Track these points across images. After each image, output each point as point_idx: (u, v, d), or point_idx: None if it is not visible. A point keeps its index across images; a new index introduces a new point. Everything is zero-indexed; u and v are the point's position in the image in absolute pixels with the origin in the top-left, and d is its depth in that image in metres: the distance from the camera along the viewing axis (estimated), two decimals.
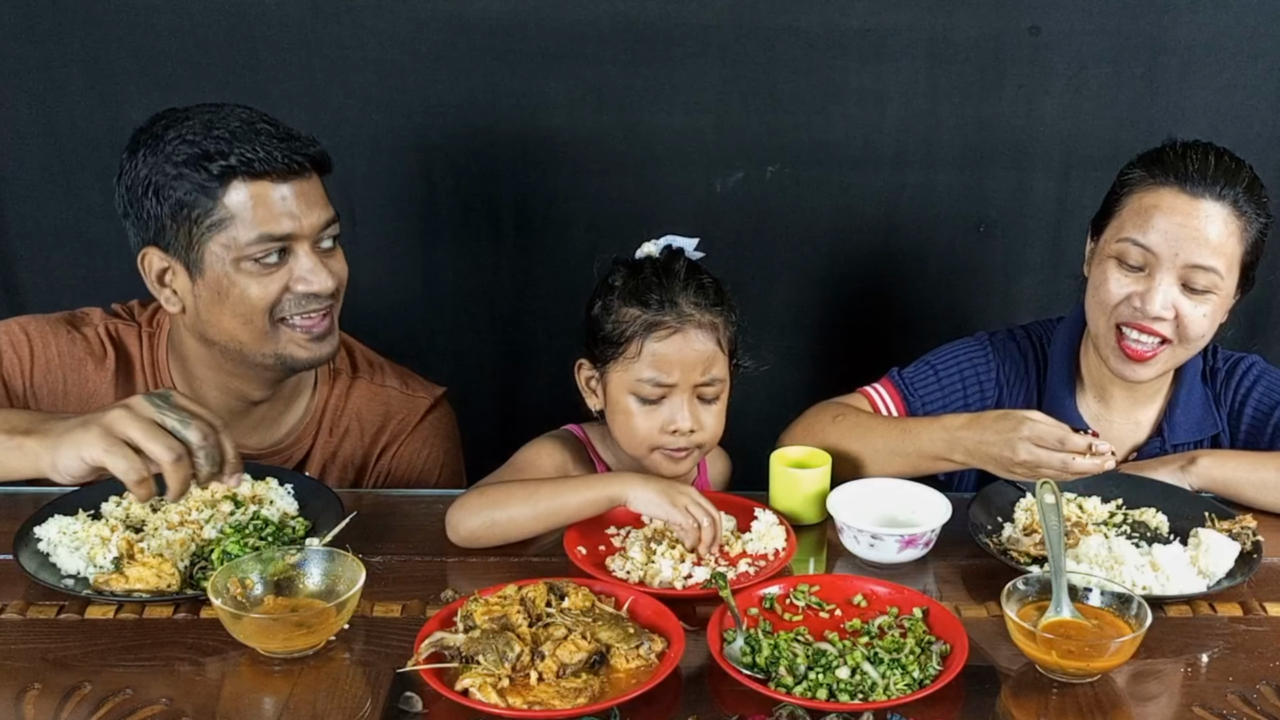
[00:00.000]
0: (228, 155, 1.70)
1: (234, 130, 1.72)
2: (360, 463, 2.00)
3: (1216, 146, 1.85)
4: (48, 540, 1.61)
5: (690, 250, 1.84)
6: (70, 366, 1.88)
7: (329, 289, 1.79)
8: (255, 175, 1.71)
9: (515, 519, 1.66)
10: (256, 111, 1.78)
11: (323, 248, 1.80)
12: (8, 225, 2.49)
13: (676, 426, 1.78)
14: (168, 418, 1.46)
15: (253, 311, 1.77)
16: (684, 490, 1.66)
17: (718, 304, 1.80)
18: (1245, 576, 1.60)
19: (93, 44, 2.36)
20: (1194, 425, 1.95)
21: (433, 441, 2.02)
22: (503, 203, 2.52)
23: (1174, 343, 1.84)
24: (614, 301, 1.79)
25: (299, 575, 1.51)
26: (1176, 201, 1.80)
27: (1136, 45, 2.40)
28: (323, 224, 1.78)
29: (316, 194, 1.78)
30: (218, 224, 1.72)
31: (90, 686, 1.36)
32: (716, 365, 1.79)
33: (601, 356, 1.82)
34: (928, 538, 1.68)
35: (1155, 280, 1.80)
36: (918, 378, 2.01)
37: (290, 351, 1.82)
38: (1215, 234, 1.79)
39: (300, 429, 1.97)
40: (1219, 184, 1.79)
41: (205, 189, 1.71)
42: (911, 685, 1.36)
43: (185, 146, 1.72)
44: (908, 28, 2.39)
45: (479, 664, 1.35)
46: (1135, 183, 1.86)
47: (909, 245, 2.57)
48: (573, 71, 2.40)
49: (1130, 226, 1.83)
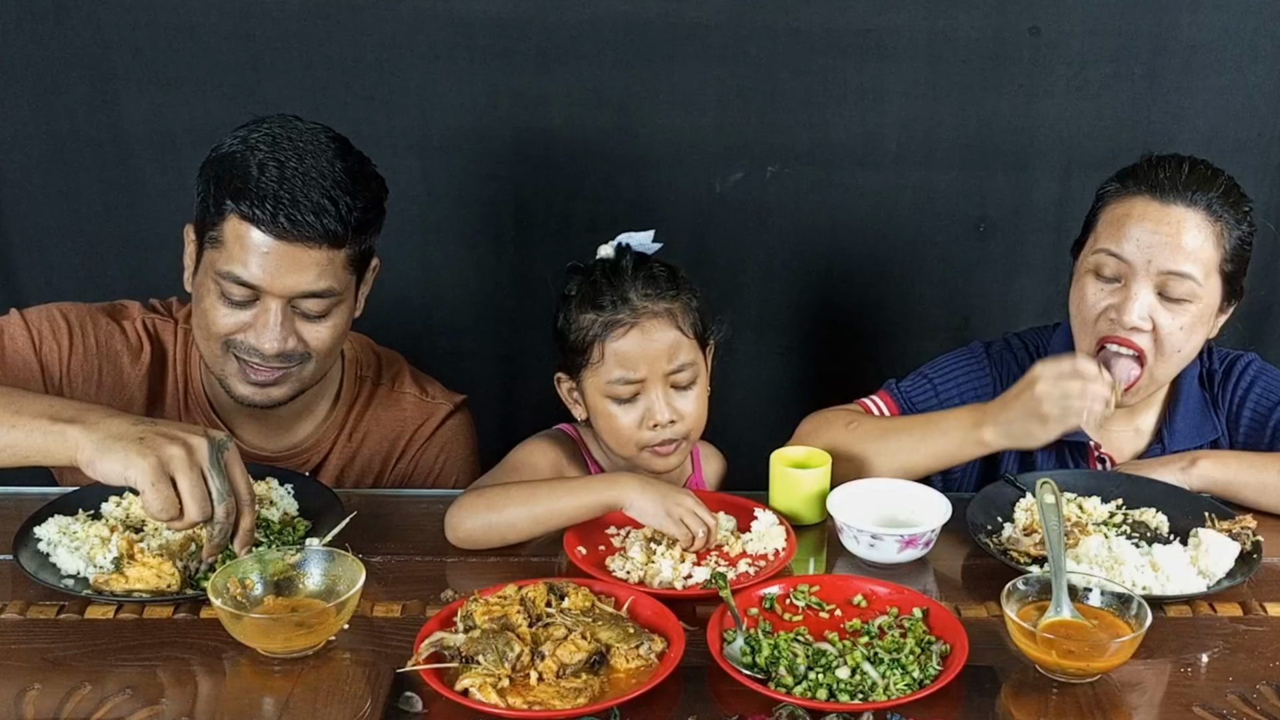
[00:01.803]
0: (243, 192, 1.69)
1: (273, 170, 1.69)
2: (378, 469, 2.01)
3: (1193, 158, 1.85)
4: (48, 540, 1.61)
5: (645, 245, 1.84)
6: (106, 357, 1.88)
7: (274, 350, 1.75)
8: (250, 220, 1.70)
9: (512, 521, 1.66)
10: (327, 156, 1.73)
11: (303, 312, 1.76)
12: (8, 225, 2.49)
13: (656, 420, 1.78)
14: (214, 479, 1.47)
15: (208, 329, 1.78)
16: (681, 499, 1.66)
17: (671, 289, 1.80)
18: (1245, 576, 1.60)
19: (93, 44, 2.36)
20: (1193, 430, 1.95)
21: (449, 448, 2.02)
22: (502, 203, 2.52)
23: (1149, 361, 1.82)
24: (572, 310, 1.81)
25: (299, 575, 1.51)
26: (1148, 209, 1.80)
27: (1136, 45, 2.40)
28: (301, 291, 1.73)
29: (312, 262, 1.72)
30: (213, 240, 1.74)
31: (90, 686, 1.36)
32: (683, 351, 1.79)
33: (573, 366, 1.83)
34: (928, 538, 1.68)
35: (1131, 290, 1.80)
36: (915, 390, 2.01)
37: (232, 384, 1.81)
38: (1189, 240, 1.78)
39: (319, 434, 1.97)
40: (1191, 190, 1.79)
41: (219, 204, 1.72)
42: (911, 685, 1.36)
43: (232, 158, 1.72)
44: (908, 28, 2.39)
45: (479, 664, 1.35)
46: (1109, 195, 1.87)
47: (909, 245, 2.57)
48: (572, 71, 2.40)
49: (1104, 238, 1.83)
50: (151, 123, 2.40)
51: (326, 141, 1.76)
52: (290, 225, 1.69)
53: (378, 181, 1.83)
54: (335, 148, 1.76)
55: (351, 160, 1.77)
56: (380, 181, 1.83)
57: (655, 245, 1.84)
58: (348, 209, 1.73)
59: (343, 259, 1.76)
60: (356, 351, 2.02)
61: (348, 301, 1.82)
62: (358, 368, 2.01)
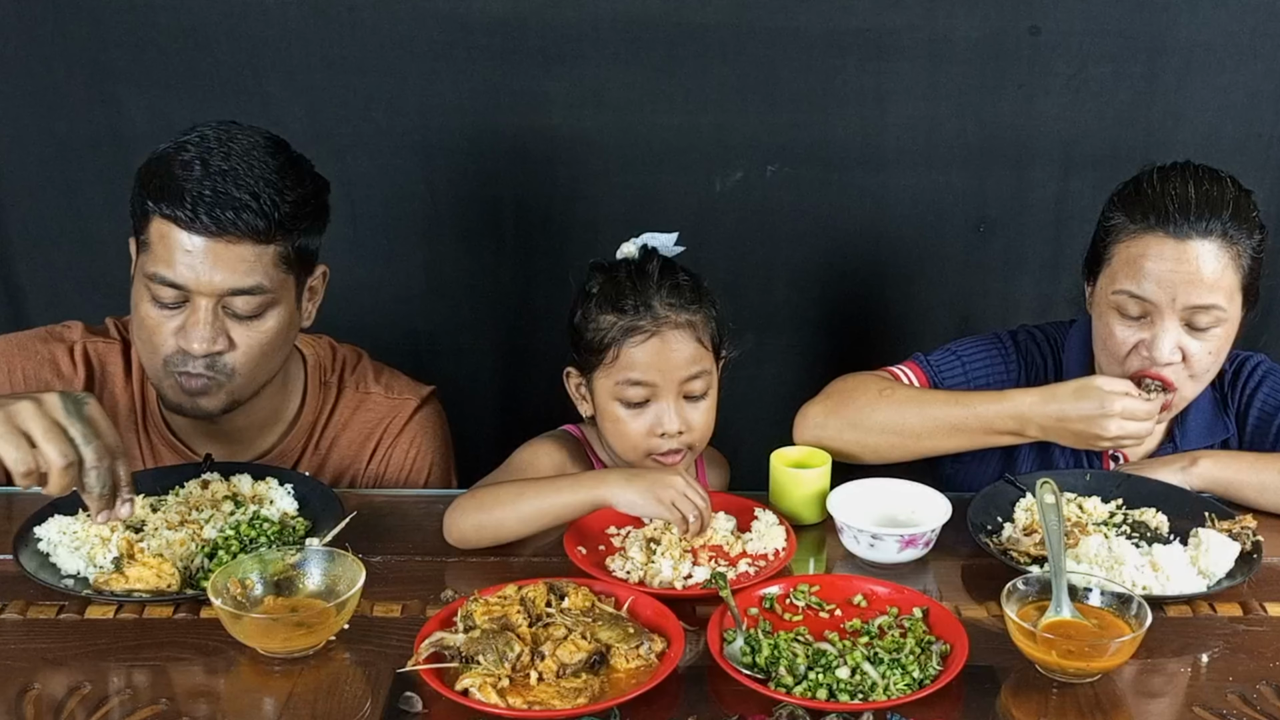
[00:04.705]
0: (163, 192, 1.68)
1: (198, 168, 1.68)
2: (351, 472, 1.99)
3: (1195, 170, 1.81)
4: (48, 540, 1.61)
5: (668, 247, 1.83)
6: (35, 389, 1.85)
7: (201, 350, 1.71)
8: (171, 219, 1.69)
9: (501, 522, 1.66)
10: (257, 154, 1.71)
11: (233, 311, 1.73)
12: (8, 225, 2.49)
13: (665, 429, 1.78)
14: (74, 426, 1.45)
15: (144, 335, 1.76)
16: (669, 482, 1.65)
17: (694, 301, 1.80)
18: (1245, 576, 1.60)
19: (93, 44, 2.36)
20: (1205, 430, 1.94)
21: (420, 442, 2.00)
22: (502, 202, 2.52)
23: (1179, 387, 1.81)
24: (591, 309, 1.80)
25: (299, 575, 1.51)
26: (1164, 248, 1.76)
27: (1136, 45, 2.40)
28: (230, 289, 1.70)
29: (237, 259, 1.70)
30: (143, 244, 1.73)
31: (90, 686, 1.36)
32: (699, 363, 1.79)
33: (586, 364, 1.82)
34: (928, 538, 1.68)
35: (1158, 327, 1.77)
36: (944, 364, 1.98)
37: (166, 391, 1.79)
38: (1210, 271, 1.75)
39: (284, 445, 1.95)
40: (1204, 219, 1.74)
41: (144, 208, 1.71)
42: (911, 685, 1.36)
43: (158, 160, 1.72)
44: (908, 28, 2.39)
45: (479, 664, 1.35)
46: (1119, 230, 1.81)
47: (909, 245, 2.57)
48: (572, 71, 2.40)
49: (1122, 278, 1.79)
50: (151, 123, 2.39)
51: (260, 140, 1.74)
52: (210, 221, 1.67)
53: (314, 180, 1.80)
54: (268, 146, 1.74)
55: (282, 158, 1.75)
56: (318, 180, 1.81)
57: (677, 248, 1.84)
58: (272, 204, 1.70)
59: (271, 255, 1.73)
60: (318, 355, 1.99)
61: (284, 305, 1.78)
62: (321, 373, 1.98)
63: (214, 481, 1.75)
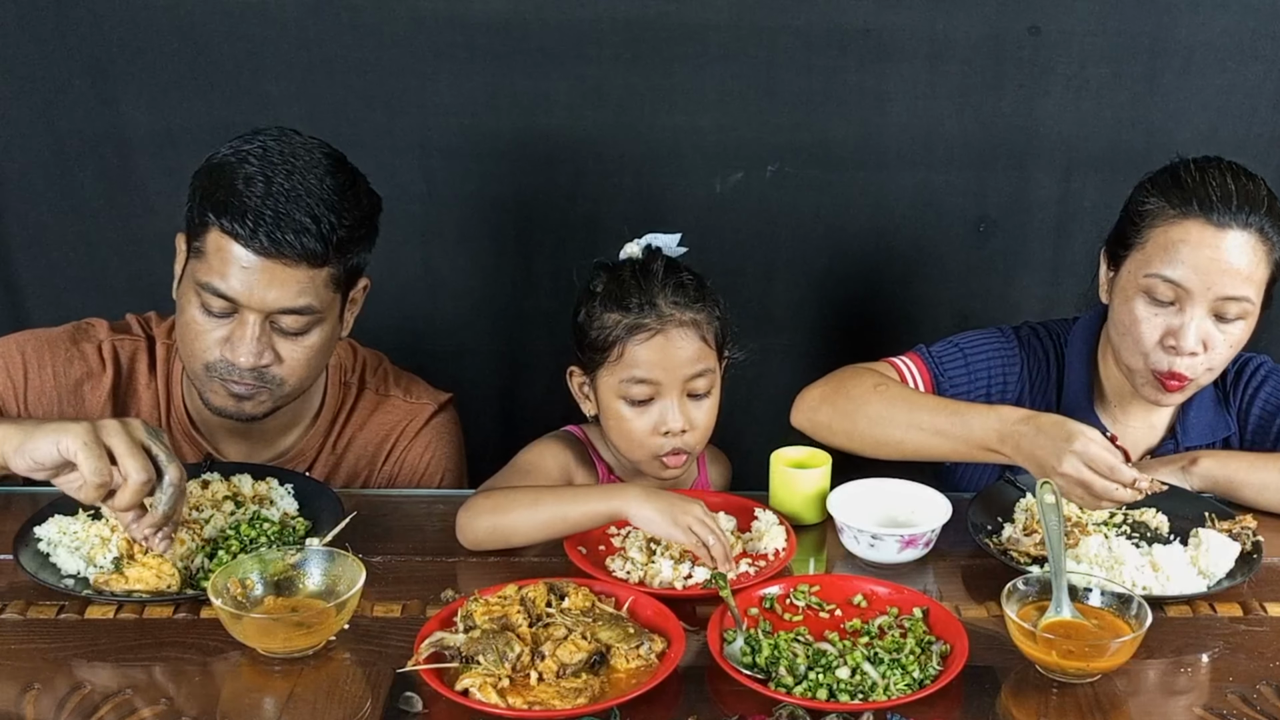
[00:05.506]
0: (225, 207, 1.68)
1: (260, 185, 1.68)
2: (364, 473, 1.99)
3: (1231, 165, 1.82)
4: (48, 540, 1.61)
5: (671, 247, 1.84)
6: (66, 388, 1.86)
7: (248, 364, 1.73)
8: (230, 234, 1.69)
9: (518, 526, 1.66)
10: (318, 172, 1.71)
11: (281, 328, 1.74)
12: (8, 225, 2.49)
13: (668, 427, 1.78)
14: (156, 447, 1.47)
15: (188, 338, 1.77)
16: (687, 508, 1.64)
17: (698, 300, 1.80)
18: (1245, 576, 1.60)
19: (93, 44, 2.35)
20: (1206, 427, 1.95)
21: (435, 446, 2.01)
22: (503, 203, 2.52)
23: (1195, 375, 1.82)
24: (596, 307, 1.80)
25: (299, 575, 1.51)
26: (1204, 234, 1.75)
27: (1136, 45, 2.40)
28: (280, 307, 1.71)
29: (291, 280, 1.70)
30: (197, 250, 1.73)
31: (90, 686, 1.37)
32: (703, 361, 1.79)
33: (589, 362, 1.83)
34: (928, 538, 1.68)
35: (1187, 314, 1.77)
36: (947, 357, 1.98)
37: (210, 395, 1.80)
38: (1245, 263, 1.75)
39: (302, 444, 1.96)
40: (1245, 211, 1.75)
41: (203, 215, 1.71)
42: (911, 685, 1.36)
43: (220, 169, 1.71)
44: (908, 28, 2.39)
45: (479, 664, 1.35)
46: (1155, 214, 1.80)
47: (909, 245, 2.57)
48: (573, 71, 2.40)
49: (1158, 262, 1.78)
50: (151, 123, 2.40)
51: (320, 157, 1.75)
52: (270, 243, 1.67)
53: (370, 199, 1.81)
54: (328, 164, 1.75)
55: (342, 177, 1.76)
56: (374, 199, 1.82)
57: (680, 249, 1.84)
58: (330, 228, 1.71)
59: (324, 277, 1.74)
60: (339, 356, 2.00)
61: (329, 320, 1.79)
62: (341, 373, 1.99)
63: (214, 481, 1.75)
